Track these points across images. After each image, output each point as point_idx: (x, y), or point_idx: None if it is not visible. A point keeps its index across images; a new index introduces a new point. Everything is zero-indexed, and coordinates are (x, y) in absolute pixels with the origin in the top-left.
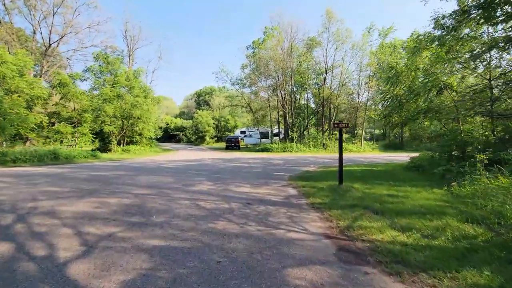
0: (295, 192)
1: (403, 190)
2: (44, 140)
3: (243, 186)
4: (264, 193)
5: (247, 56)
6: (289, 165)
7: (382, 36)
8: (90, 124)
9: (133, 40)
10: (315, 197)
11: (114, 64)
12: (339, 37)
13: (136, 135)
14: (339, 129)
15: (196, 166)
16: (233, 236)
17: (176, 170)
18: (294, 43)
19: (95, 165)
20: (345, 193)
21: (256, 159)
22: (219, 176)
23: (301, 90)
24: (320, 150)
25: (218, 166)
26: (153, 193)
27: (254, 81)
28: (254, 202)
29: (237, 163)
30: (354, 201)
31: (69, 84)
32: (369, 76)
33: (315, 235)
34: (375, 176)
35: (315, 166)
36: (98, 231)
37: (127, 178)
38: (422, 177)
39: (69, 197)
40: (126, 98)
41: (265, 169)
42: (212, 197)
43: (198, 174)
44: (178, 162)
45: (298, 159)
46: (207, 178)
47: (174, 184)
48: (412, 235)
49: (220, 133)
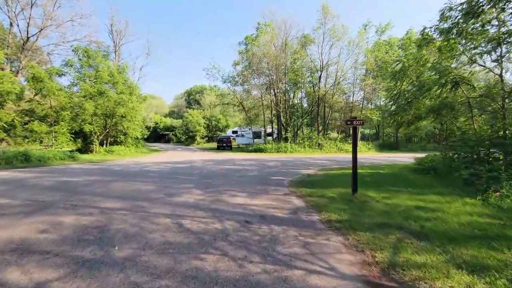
0: (302, 203)
1: (429, 200)
2: (23, 140)
3: (238, 196)
4: (265, 205)
5: (239, 52)
6: (287, 168)
7: (379, 33)
8: (69, 122)
9: (120, 35)
10: (329, 211)
11: (96, 58)
12: (335, 33)
13: (120, 135)
14: (353, 128)
15: (184, 169)
16: (230, 286)
17: (160, 174)
18: (289, 39)
19: (68, 169)
20: (363, 205)
21: (250, 161)
22: (210, 181)
23: (295, 88)
24: (316, 150)
25: (209, 169)
26: (125, 208)
27: (247, 79)
28: (254, 219)
29: (230, 165)
30: (380, 218)
31: (44, 79)
32: (365, 74)
33: (350, 281)
34: (387, 181)
35: (315, 168)
36: (22, 279)
37: (99, 186)
38: (440, 182)
39: (13, 213)
40: (109, 95)
41: (261, 172)
42: (200, 212)
43: (185, 180)
44: (164, 164)
45: (295, 161)
46: (195, 184)
47: (154, 194)
48: (496, 281)
49: (211, 133)
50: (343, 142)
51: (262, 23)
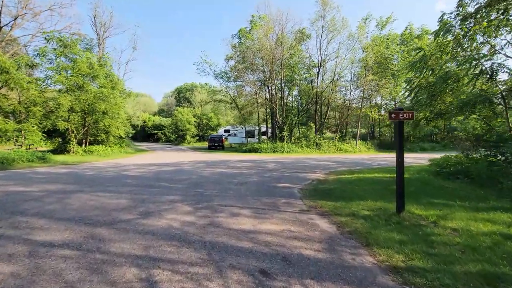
0: (332, 227)
1: (502, 222)
2: None
3: (241, 215)
4: (283, 234)
5: (232, 46)
6: (290, 171)
7: (380, 26)
8: (40, 119)
9: (104, 27)
10: (381, 246)
11: (72, 48)
12: (335, 26)
13: (101, 133)
14: (397, 123)
15: (171, 173)
16: None
17: (140, 181)
18: (285, 33)
19: (31, 173)
20: (421, 230)
21: (246, 162)
22: (202, 191)
23: (291, 85)
24: (313, 150)
25: (200, 173)
26: (73, 242)
27: (240, 73)
28: (274, 266)
29: (224, 168)
30: (476, 264)
31: (10, 69)
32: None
33: None
34: (419, 190)
35: (321, 171)
36: None
37: (54, 200)
38: (485, 192)
39: None
40: (88, 89)
41: (262, 177)
42: (187, 251)
43: (170, 189)
44: (148, 167)
45: (295, 162)
46: (182, 196)
47: (124, 213)
48: None
49: (202, 132)
50: (342, 142)
51: (257, 15)
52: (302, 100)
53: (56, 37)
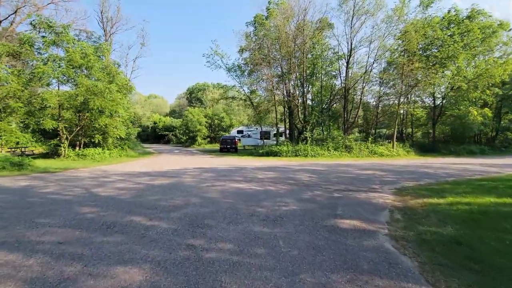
0: None
1: None
2: None
3: None
4: None
5: (247, 36)
6: (337, 187)
7: (423, 6)
8: (22, 117)
9: (111, 22)
10: None
11: (63, 36)
12: (367, 8)
13: (97, 134)
14: None
15: (161, 193)
16: None
17: (103, 210)
18: (307, 20)
19: None
20: None
21: (269, 171)
22: (201, 244)
23: (313, 80)
24: (343, 154)
25: (204, 193)
26: None
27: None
28: None
29: (239, 183)
30: None
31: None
32: (406, 57)
33: None
34: None
35: (383, 187)
36: None
37: None
38: None
39: None
40: (80, 81)
41: (303, 202)
42: None
43: (141, 236)
44: (136, 179)
45: (333, 171)
46: (159, 261)
47: None
48: None
49: (213, 133)
50: (376, 144)
51: (274, 1)
52: (324, 97)
53: (43, 22)
